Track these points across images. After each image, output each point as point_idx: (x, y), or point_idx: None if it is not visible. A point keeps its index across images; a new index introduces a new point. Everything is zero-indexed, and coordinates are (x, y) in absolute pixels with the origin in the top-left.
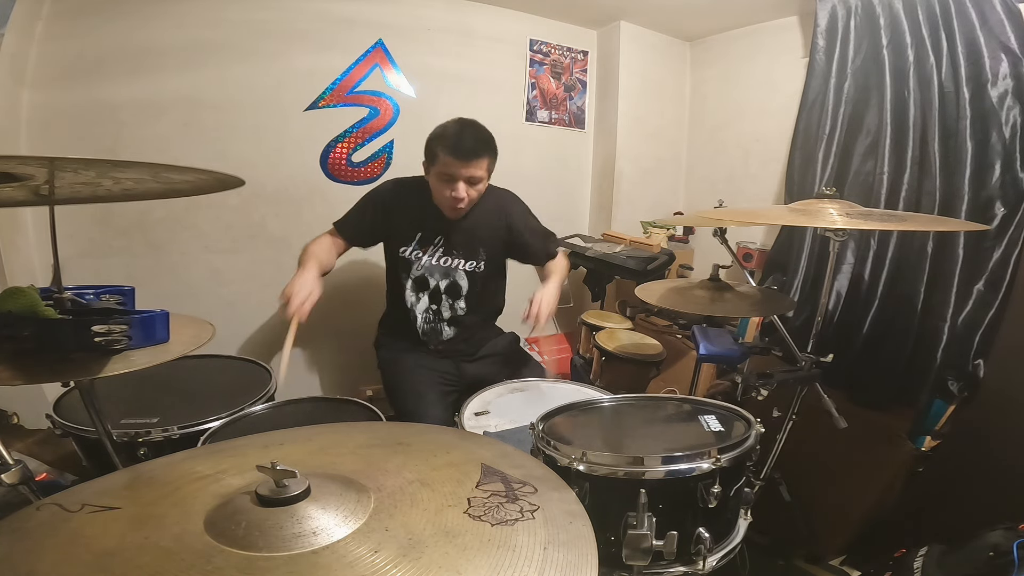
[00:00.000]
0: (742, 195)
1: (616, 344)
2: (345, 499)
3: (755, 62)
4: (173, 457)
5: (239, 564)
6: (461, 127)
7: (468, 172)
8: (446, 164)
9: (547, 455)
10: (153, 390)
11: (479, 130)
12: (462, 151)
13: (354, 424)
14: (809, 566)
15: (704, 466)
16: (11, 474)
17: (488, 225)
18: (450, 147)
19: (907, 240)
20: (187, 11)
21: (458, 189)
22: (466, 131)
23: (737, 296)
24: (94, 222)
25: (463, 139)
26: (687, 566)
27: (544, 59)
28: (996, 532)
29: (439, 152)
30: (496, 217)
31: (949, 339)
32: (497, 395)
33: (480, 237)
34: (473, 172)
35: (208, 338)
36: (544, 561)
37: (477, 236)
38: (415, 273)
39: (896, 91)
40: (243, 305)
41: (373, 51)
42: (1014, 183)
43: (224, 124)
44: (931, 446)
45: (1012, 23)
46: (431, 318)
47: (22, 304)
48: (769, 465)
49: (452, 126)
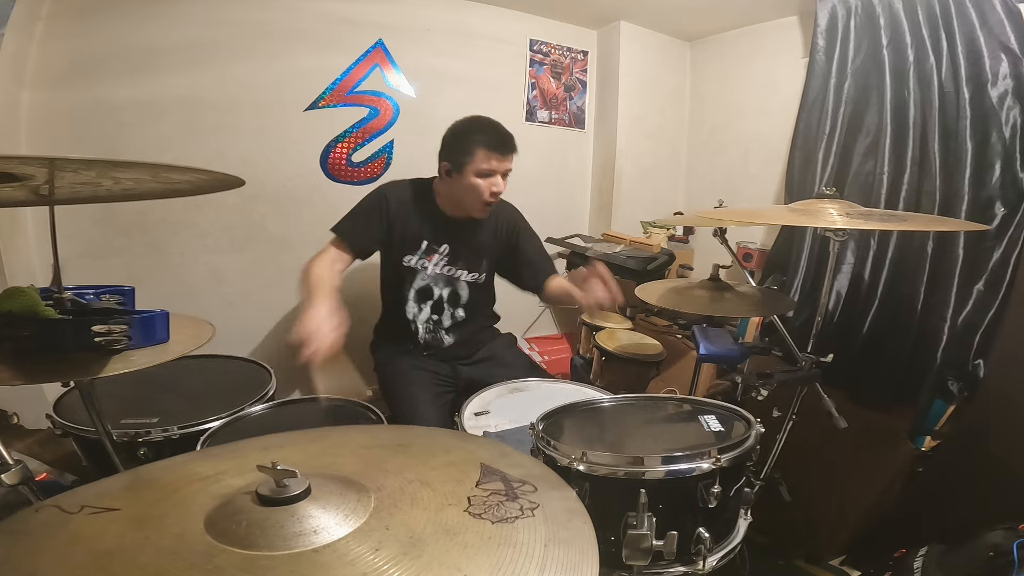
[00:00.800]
0: (742, 195)
1: (616, 344)
2: (345, 498)
3: (755, 62)
4: (172, 460)
5: (240, 563)
6: (490, 123)
7: (506, 166)
8: (485, 159)
9: (547, 455)
10: (153, 390)
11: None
12: (505, 146)
13: (355, 426)
14: (809, 566)
15: (704, 466)
16: (11, 474)
17: (495, 234)
18: (491, 143)
19: (907, 240)
20: (187, 11)
21: (499, 183)
22: (497, 126)
23: (737, 296)
24: (94, 222)
25: (500, 133)
26: (687, 566)
27: (544, 59)
28: (996, 532)
29: (477, 149)
30: (504, 228)
31: (949, 339)
32: (497, 395)
33: (485, 247)
34: (509, 165)
35: (208, 338)
36: (545, 558)
37: (483, 246)
38: (419, 284)
39: (896, 91)
40: (243, 305)
41: (373, 51)
42: (1014, 183)
43: (224, 124)
44: (931, 446)
45: (1012, 23)
46: (432, 327)
47: (22, 304)
48: (769, 465)
49: (480, 123)
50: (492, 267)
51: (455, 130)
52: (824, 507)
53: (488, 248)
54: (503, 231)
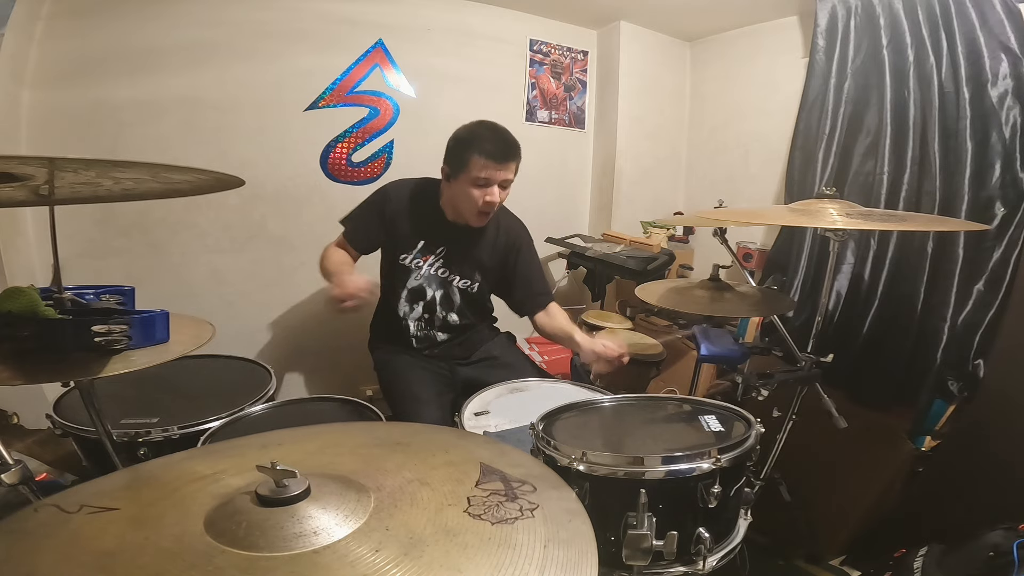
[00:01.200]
0: (742, 195)
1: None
2: (345, 499)
3: (755, 62)
4: (171, 458)
5: (240, 564)
6: (492, 129)
7: (504, 175)
8: (482, 167)
9: (547, 455)
10: (153, 390)
11: (507, 132)
12: (502, 154)
13: (353, 424)
14: (809, 566)
15: (704, 466)
16: (11, 474)
17: (494, 248)
18: (488, 150)
19: (907, 240)
20: (187, 11)
21: (494, 193)
22: (499, 133)
23: (737, 296)
24: (94, 222)
25: (499, 141)
26: (687, 566)
27: (544, 59)
28: (996, 532)
29: (473, 156)
30: (504, 243)
31: (949, 339)
32: (497, 395)
33: (482, 258)
34: (508, 175)
35: (208, 338)
36: (545, 559)
37: (479, 256)
38: (412, 283)
39: (896, 91)
40: (243, 305)
41: (373, 51)
42: (1014, 183)
43: (224, 124)
44: (931, 446)
45: (1012, 23)
46: (423, 326)
47: (22, 304)
48: (769, 465)
49: (482, 129)
50: (488, 280)
51: (457, 135)
52: (824, 507)
53: (484, 259)
54: (501, 245)
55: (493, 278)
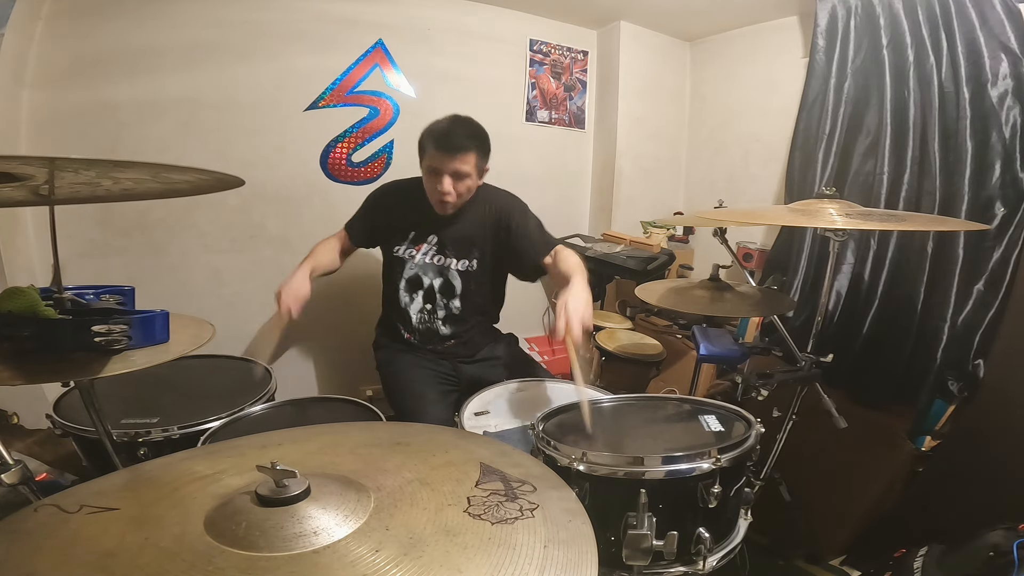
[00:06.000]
0: (742, 195)
1: (616, 344)
2: (345, 499)
3: (755, 62)
4: (171, 457)
5: (241, 564)
6: (451, 122)
7: (453, 166)
8: (432, 157)
9: (547, 455)
10: (153, 390)
11: (469, 125)
12: (447, 145)
13: (353, 424)
14: (809, 566)
15: (704, 466)
16: (11, 474)
17: (484, 225)
18: (436, 141)
19: (907, 240)
20: (186, 11)
21: (443, 183)
22: (455, 126)
23: (737, 296)
24: (94, 222)
25: (450, 133)
26: (687, 566)
27: (544, 59)
28: (996, 532)
29: (427, 146)
30: (494, 218)
31: (949, 339)
32: (497, 395)
33: (473, 236)
34: (458, 167)
35: (208, 338)
36: (544, 559)
37: (470, 235)
38: (408, 273)
39: (896, 91)
40: (243, 305)
41: (373, 51)
42: (1014, 183)
43: (224, 124)
44: (931, 446)
45: (1012, 23)
46: (426, 318)
47: (22, 304)
48: (769, 465)
49: (443, 121)
50: (489, 258)
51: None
52: (824, 507)
53: (478, 237)
54: (491, 221)
55: (492, 254)
